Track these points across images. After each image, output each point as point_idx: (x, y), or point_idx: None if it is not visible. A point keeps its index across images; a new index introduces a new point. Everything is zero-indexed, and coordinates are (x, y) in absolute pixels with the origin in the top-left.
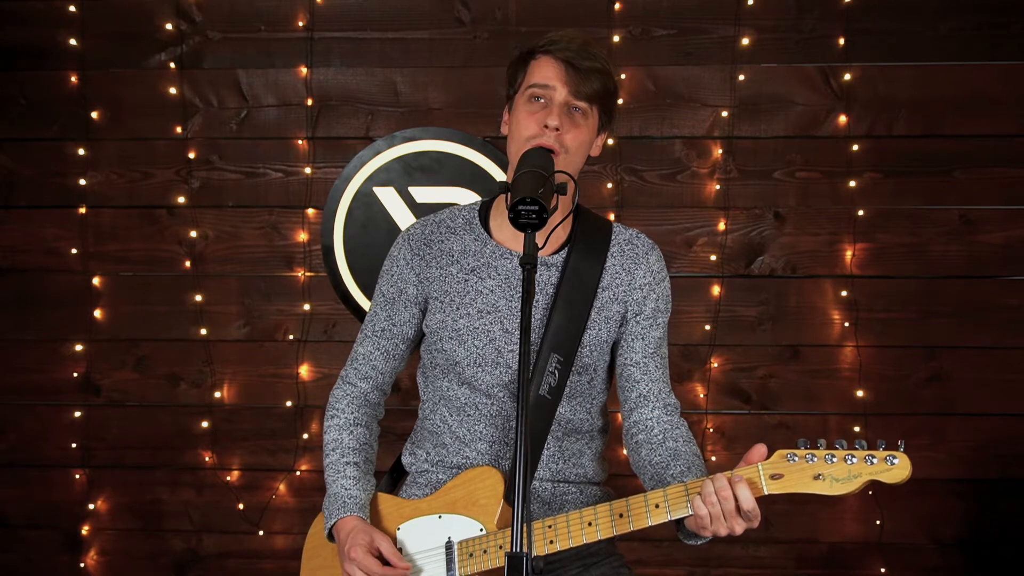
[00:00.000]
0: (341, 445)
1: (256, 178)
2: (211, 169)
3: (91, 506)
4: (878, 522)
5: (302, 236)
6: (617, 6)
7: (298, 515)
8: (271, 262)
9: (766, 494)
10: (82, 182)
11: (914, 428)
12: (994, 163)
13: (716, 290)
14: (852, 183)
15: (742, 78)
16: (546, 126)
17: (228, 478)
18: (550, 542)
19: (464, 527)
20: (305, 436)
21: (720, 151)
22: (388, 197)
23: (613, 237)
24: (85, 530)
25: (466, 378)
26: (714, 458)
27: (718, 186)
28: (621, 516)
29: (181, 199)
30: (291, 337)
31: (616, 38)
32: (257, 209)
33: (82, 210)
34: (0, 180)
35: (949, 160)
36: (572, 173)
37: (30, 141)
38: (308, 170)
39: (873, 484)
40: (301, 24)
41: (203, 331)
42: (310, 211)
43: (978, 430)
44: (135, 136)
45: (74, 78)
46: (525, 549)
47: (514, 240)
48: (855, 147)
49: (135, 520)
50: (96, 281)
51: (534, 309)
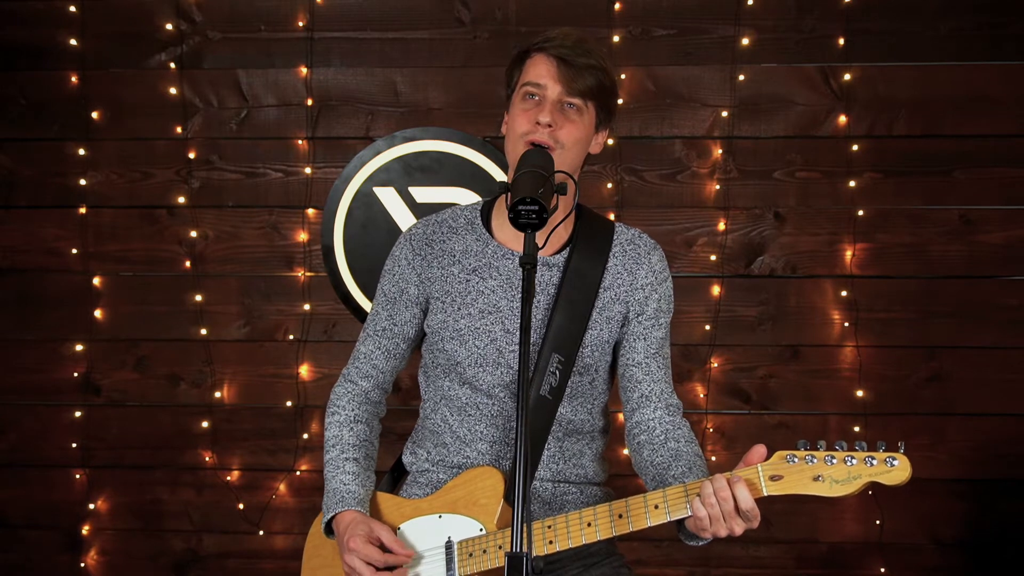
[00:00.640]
0: (341, 441)
1: (256, 178)
2: (211, 169)
3: (91, 506)
4: (878, 522)
5: (302, 236)
6: (617, 6)
7: (298, 515)
8: (271, 262)
9: (765, 495)
10: (82, 182)
11: (914, 428)
12: (994, 163)
13: (716, 290)
14: (852, 183)
15: (742, 78)
16: (538, 122)
17: (228, 478)
18: (549, 542)
19: (464, 527)
20: (305, 436)
21: (720, 151)
22: (388, 197)
23: (615, 237)
24: (85, 530)
25: (467, 378)
26: (714, 458)
27: (718, 186)
28: (620, 517)
29: (181, 199)
30: (291, 337)
31: (616, 38)
32: (257, 209)
33: (82, 210)
34: (0, 180)
35: (949, 160)
36: (570, 170)
37: (30, 141)
38: (308, 170)
39: (873, 485)
40: (301, 24)
41: (203, 331)
42: (310, 211)
43: (978, 430)
44: (135, 136)
45: (74, 78)
46: (525, 549)
47: (516, 240)
48: (855, 147)
49: (135, 520)
50: (96, 281)
51: (535, 309)
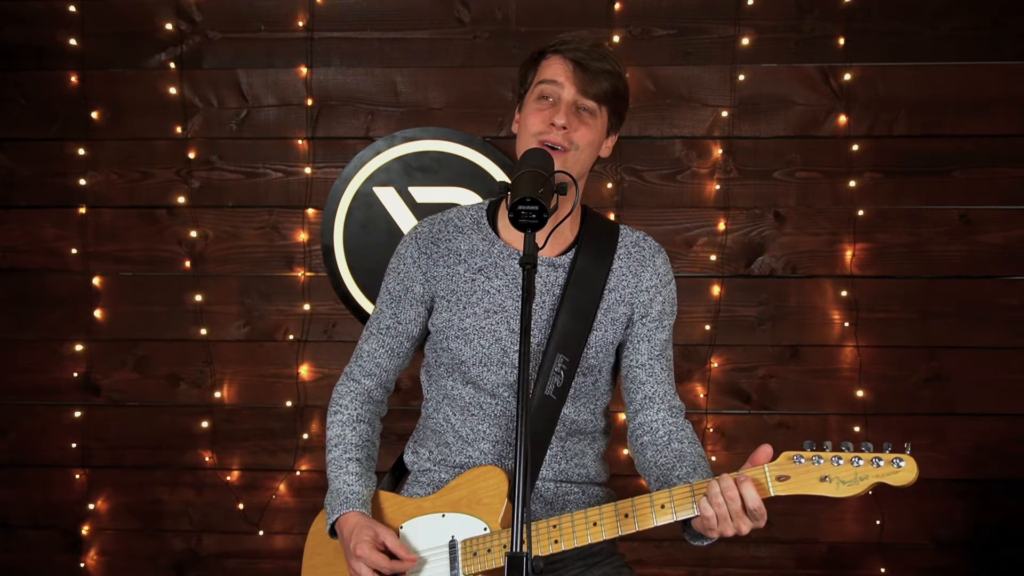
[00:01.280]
0: (344, 441)
1: (256, 178)
2: (211, 169)
3: (91, 506)
4: (878, 522)
5: (302, 236)
6: (617, 6)
7: (298, 515)
8: (271, 262)
9: (772, 495)
10: (82, 182)
11: (914, 428)
12: (994, 163)
13: (716, 290)
14: (852, 183)
15: (742, 78)
16: (553, 124)
17: (228, 478)
18: (555, 542)
19: (468, 526)
20: (305, 436)
21: (720, 151)
22: (388, 197)
23: (620, 239)
24: (85, 530)
25: (471, 377)
26: (714, 458)
27: (718, 186)
28: (626, 516)
29: (181, 199)
30: (291, 337)
31: (616, 38)
32: (257, 209)
33: (82, 210)
34: (0, 180)
35: (949, 160)
36: (581, 171)
37: (30, 141)
38: (308, 170)
39: (879, 486)
40: (301, 24)
41: (203, 331)
42: (310, 211)
43: (978, 430)
44: (135, 136)
45: (74, 78)
46: (525, 549)
47: (521, 240)
48: (855, 147)
49: (135, 520)
50: (96, 281)
51: (540, 309)
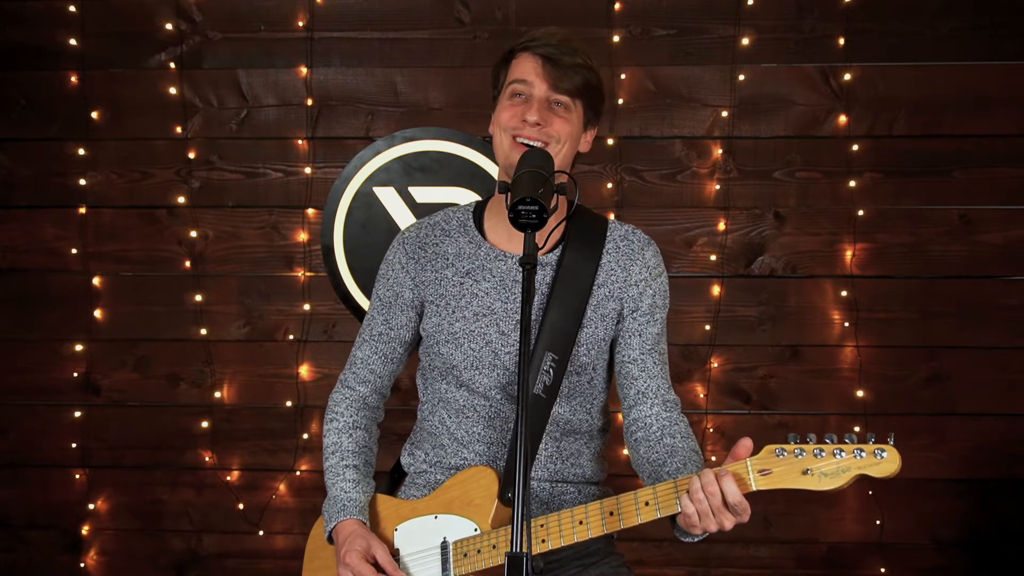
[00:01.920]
0: (340, 448)
1: (256, 178)
2: (211, 169)
3: (91, 506)
4: (878, 522)
5: (302, 236)
6: (617, 6)
7: (298, 515)
8: (271, 262)
9: (755, 490)
10: (82, 182)
11: (914, 428)
12: (994, 163)
13: (716, 290)
14: (852, 183)
15: (742, 78)
16: (525, 120)
17: (228, 478)
18: (542, 541)
19: (459, 527)
20: (305, 436)
21: (720, 151)
22: (388, 197)
23: (608, 234)
24: (85, 530)
25: (463, 381)
26: (714, 458)
27: (718, 186)
28: (612, 514)
29: (181, 199)
30: (291, 337)
31: (616, 38)
32: (257, 209)
33: (82, 210)
34: (0, 180)
35: (949, 160)
36: (562, 166)
37: (30, 141)
38: (308, 170)
39: (867, 481)
40: (301, 24)
41: (203, 331)
42: (310, 211)
43: (978, 430)
44: (135, 136)
45: (74, 78)
46: (524, 549)
47: (508, 242)
48: (855, 147)
49: (135, 520)
50: (96, 281)
51: None
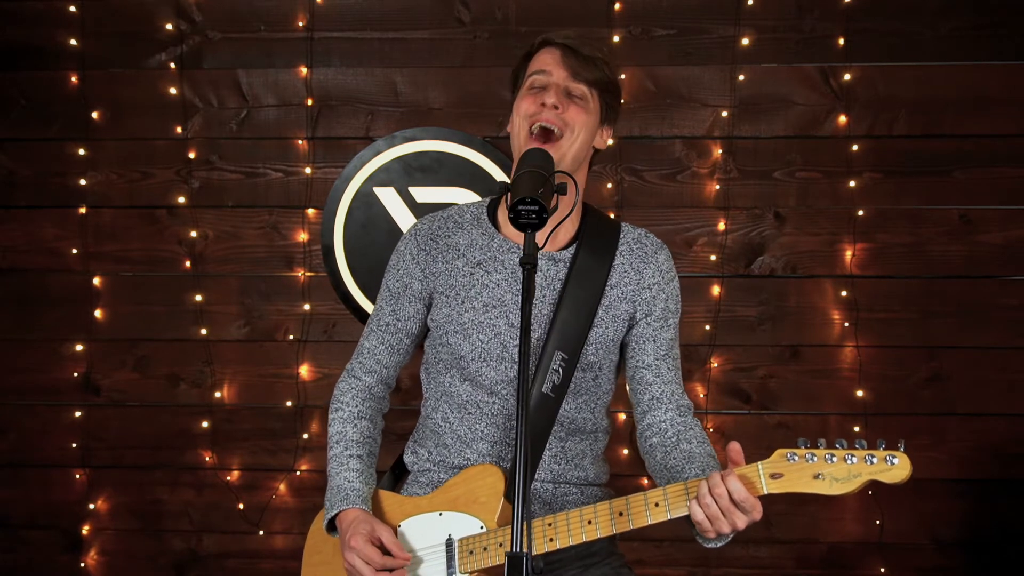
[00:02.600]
0: (345, 438)
1: (256, 178)
2: (211, 169)
3: (91, 506)
4: (878, 522)
5: (302, 236)
6: (617, 6)
7: (298, 515)
8: (271, 262)
9: (766, 493)
10: (82, 182)
11: (914, 428)
12: (994, 163)
13: (716, 290)
14: (852, 183)
15: (742, 78)
16: (544, 104)
17: (228, 478)
18: (550, 540)
19: (464, 524)
20: (305, 436)
21: (720, 151)
22: (388, 197)
23: (622, 236)
24: (85, 530)
25: (470, 373)
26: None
27: (718, 186)
28: (621, 515)
29: (181, 199)
30: (291, 337)
31: (616, 38)
32: (257, 209)
33: (82, 210)
34: (0, 180)
35: (949, 160)
36: (577, 159)
37: (30, 141)
38: (308, 170)
39: (873, 484)
40: (301, 24)
41: (203, 331)
42: (310, 211)
43: (978, 430)
44: (135, 136)
45: (74, 78)
46: (525, 549)
47: (522, 234)
48: (855, 147)
49: (135, 520)
50: (96, 281)
51: (540, 304)
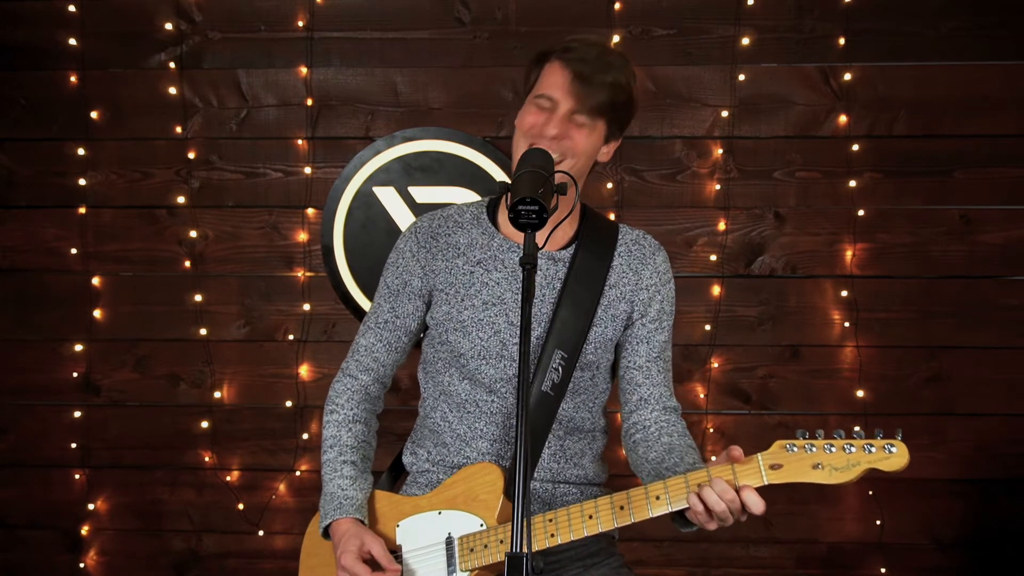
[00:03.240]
0: (339, 443)
1: (256, 178)
2: (211, 169)
3: (91, 506)
4: (878, 522)
5: (302, 236)
6: (617, 6)
7: (298, 515)
8: (271, 262)
9: (766, 484)
10: (82, 182)
11: (914, 428)
12: (994, 163)
13: (716, 290)
14: (852, 183)
15: (742, 78)
16: (543, 135)
17: (228, 478)
18: (551, 535)
19: (464, 523)
20: (305, 436)
21: (720, 151)
22: (388, 197)
23: (620, 237)
24: (85, 530)
25: (469, 371)
26: (713, 458)
27: (718, 186)
28: (622, 508)
29: (181, 199)
30: (291, 337)
31: (616, 38)
32: (257, 209)
33: (82, 210)
34: (0, 180)
35: (949, 160)
36: (575, 175)
37: (30, 141)
38: (308, 170)
39: (873, 480)
40: (301, 24)
41: (203, 331)
42: (310, 211)
43: (978, 430)
44: (135, 136)
45: (74, 78)
46: (525, 549)
47: (521, 234)
48: (855, 147)
49: (135, 520)
50: (96, 281)
51: (540, 303)
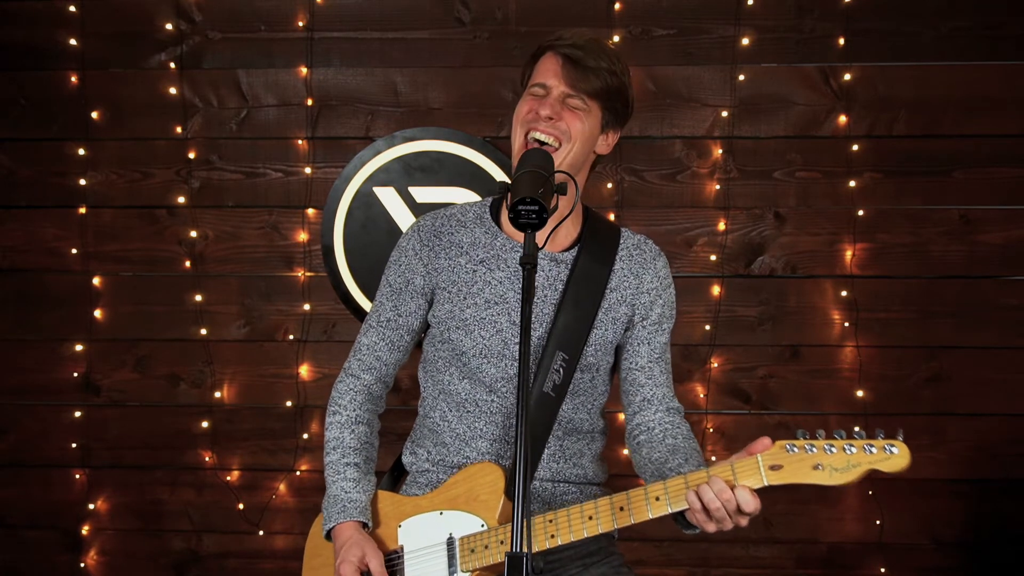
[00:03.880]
0: (342, 444)
1: (256, 178)
2: (211, 169)
3: (91, 506)
4: (878, 522)
5: (302, 236)
6: (617, 6)
7: (298, 515)
8: (271, 262)
9: (766, 485)
10: (82, 182)
11: (914, 428)
12: (994, 163)
13: (716, 290)
14: (852, 183)
15: (742, 78)
16: (539, 114)
17: (228, 478)
18: (551, 536)
19: (465, 523)
20: (305, 436)
21: (720, 151)
22: (388, 197)
23: (621, 241)
24: (85, 530)
25: (470, 370)
26: (714, 458)
27: (718, 186)
28: (622, 509)
29: (181, 199)
30: (291, 337)
31: (616, 38)
32: (257, 209)
33: (82, 210)
34: (0, 180)
35: (949, 160)
36: (575, 165)
37: (30, 141)
38: (308, 170)
39: (873, 479)
40: (301, 24)
41: (203, 331)
42: (310, 211)
43: (978, 430)
44: (135, 136)
45: (74, 78)
46: (525, 549)
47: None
48: (855, 147)
49: (135, 520)
50: (96, 281)
51: (542, 304)
